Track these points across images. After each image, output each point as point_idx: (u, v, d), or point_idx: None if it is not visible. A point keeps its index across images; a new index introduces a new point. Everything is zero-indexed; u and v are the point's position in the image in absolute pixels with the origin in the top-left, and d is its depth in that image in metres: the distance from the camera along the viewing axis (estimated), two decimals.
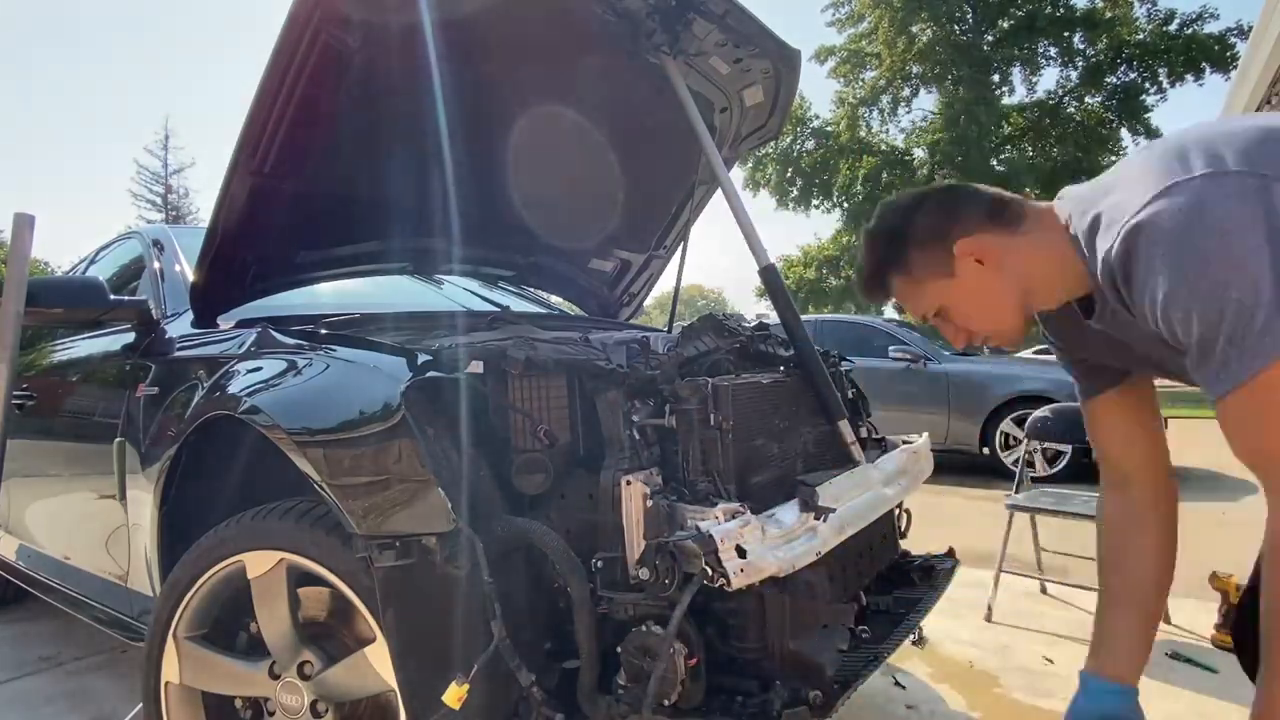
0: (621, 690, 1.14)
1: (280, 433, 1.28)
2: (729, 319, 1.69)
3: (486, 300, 2.64)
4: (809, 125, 20.17)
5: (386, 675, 1.24)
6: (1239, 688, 2.15)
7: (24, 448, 2.27)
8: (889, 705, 2.10)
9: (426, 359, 1.25)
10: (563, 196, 2.45)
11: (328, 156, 1.81)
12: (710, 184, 2.65)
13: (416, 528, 1.14)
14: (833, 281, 20.33)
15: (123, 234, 2.86)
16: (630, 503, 1.18)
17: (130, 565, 1.85)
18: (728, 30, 1.96)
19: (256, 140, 1.61)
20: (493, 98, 2.03)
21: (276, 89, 1.57)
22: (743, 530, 1.11)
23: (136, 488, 1.75)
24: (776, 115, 2.42)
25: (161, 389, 1.77)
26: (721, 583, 1.05)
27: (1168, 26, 17.47)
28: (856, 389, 2.01)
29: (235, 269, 1.81)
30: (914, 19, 18.55)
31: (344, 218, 2.04)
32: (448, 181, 2.05)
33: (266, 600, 1.37)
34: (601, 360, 1.33)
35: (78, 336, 2.44)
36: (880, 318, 9.15)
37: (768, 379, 1.54)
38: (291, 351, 1.49)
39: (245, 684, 1.42)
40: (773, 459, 1.47)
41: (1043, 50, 18.58)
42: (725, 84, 2.24)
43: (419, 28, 1.65)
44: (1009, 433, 5.84)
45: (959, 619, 2.71)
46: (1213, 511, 4.72)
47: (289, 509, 1.36)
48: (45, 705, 2.22)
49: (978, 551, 3.15)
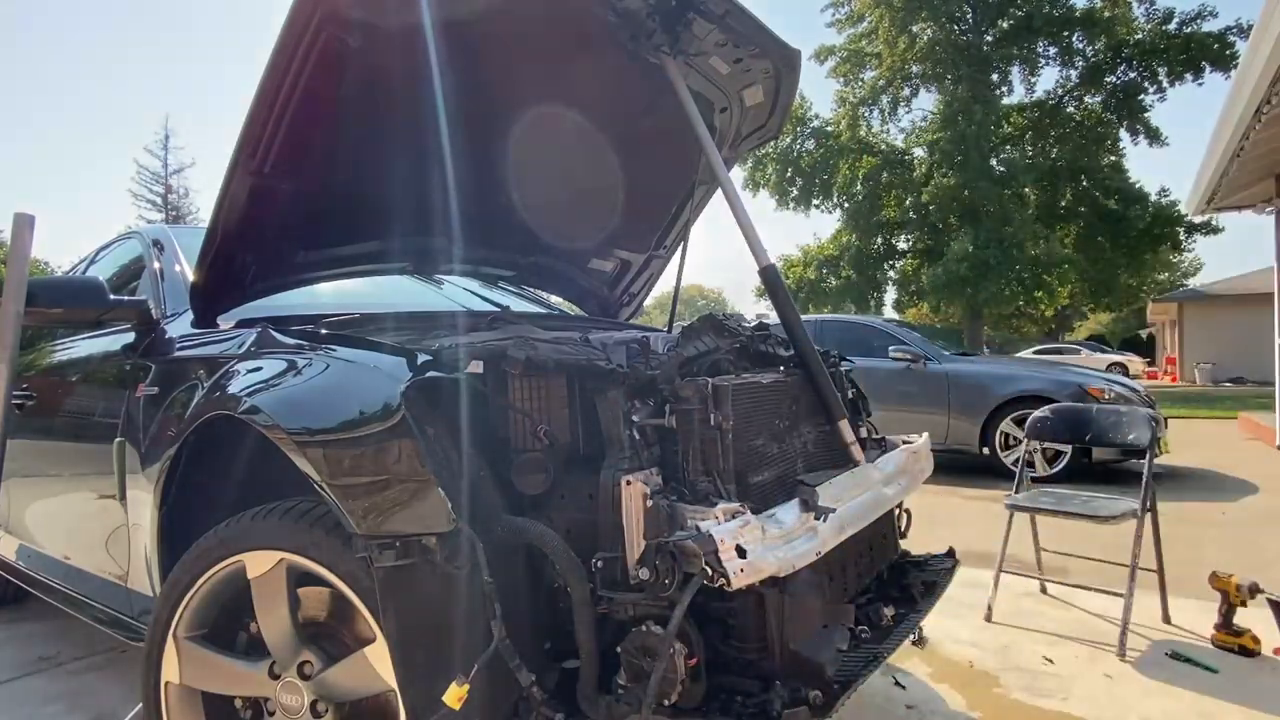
0: (622, 690, 1.14)
1: (280, 433, 1.28)
2: (729, 319, 1.69)
3: (486, 300, 2.64)
4: (809, 125, 20.18)
5: (386, 675, 1.24)
6: (1240, 688, 2.15)
7: (24, 448, 2.27)
8: (889, 705, 2.10)
9: (426, 359, 1.25)
10: (562, 196, 2.46)
11: (328, 156, 1.81)
12: (710, 184, 2.65)
13: (416, 528, 1.14)
14: (832, 281, 20.33)
15: (123, 234, 2.86)
16: (630, 503, 1.18)
17: (130, 565, 1.85)
18: (728, 30, 1.96)
19: (257, 140, 1.61)
20: (492, 98, 2.04)
21: (277, 88, 1.57)
22: (743, 530, 1.11)
23: (136, 488, 1.75)
24: (777, 115, 2.42)
25: (161, 389, 1.77)
26: (721, 583, 1.05)
27: (1167, 26, 17.47)
28: (856, 389, 2.01)
29: (235, 269, 1.81)
30: (914, 19, 18.56)
31: (344, 217, 2.04)
32: (448, 181, 2.05)
33: (266, 600, 1.37)
34: (601, 360, 1.33)
35: (78, 336, 2.44)
36: (880, 318, 9.15)
37: (768, 379, 1.54)
38: (291, 351, 1.49)
39: (245, 684, 1.42)
40: (772, 459, 1.47)
41: (1042, 50, 18.60)
42: (725, 84, 2.24)
43: (419, 27, 1.65)
44: (1009, 433, 5.84)
45: (959, 619, 2.71)
46: (1212, 511, 4.72)
47: (289, 509, 1.36)
48: (45, 705, 2.22)
49: (977, 551, 3.15)
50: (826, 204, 20.47)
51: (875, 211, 19.63)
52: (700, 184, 2.62)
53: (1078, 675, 2.27)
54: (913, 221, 19.74)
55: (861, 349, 6.50)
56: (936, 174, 17.91)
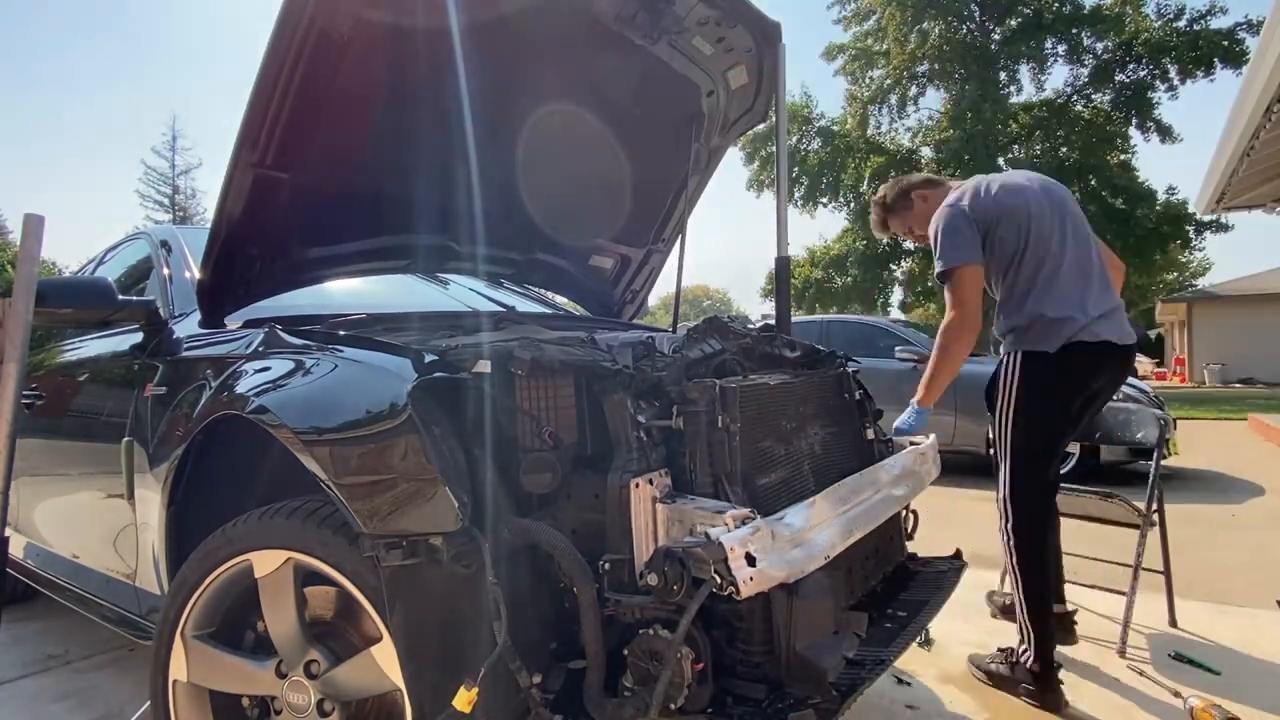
0: (628, 693, 1.14)
1: (287, 432, 1.28)
2: (734, 320, 1.69)
3: (491, 300, 2.64)
4: (814, 124, 20.14)
5: (393, 674, 1.24)
6: (1241, 688, 2.14)
7: (33, 447, 2.28)
8: (893, 706, 2.09)
9: (433, 359, 1.25)
10: (556, 192, 2.45)
11: (327, 151, 1.82)
12: (703, 174, 2.66)
13: (423, 527, 1.14)
14: (838, 281, 20.28)
15: (131, 235, 2.87)
16: (639, 505, 1.18)
17: (138, 564, 1.86)
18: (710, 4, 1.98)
19: (257, 133, 1.61)
20: (481, 94, 2.02)
21: (274, 81, 1.58)
22: (752, 537, 1.10)
23: (144, 487, 1.75)
24: (762, 97, 2.43)
25: (169, 389, 1.77)
26: (731, 591, 1.05)
27: (1177, 22, 17.34)
28: (864, 391, 2.01)
29: (240, 266, 1.82)
30: (923, 16, 18.50)
31: (344, 215, 2.04)
32: (445, 178, 2.06)
33: (274, 599, 1.37)
34: (608, 361, 1.33)
35: (86, 336, 2.46)
36: (886, 318, 9.11)
37: (775, 380, 1.53)
38: (298, 351, 1.49)
39: (252, 682, 1.42)
40: (780, 460, 1.47)
41: (1051, 48, 18.50)
42: (710, 65, 2.25)
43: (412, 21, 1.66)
44: None
45: (966, 620, 2.70)
46: (1221, 513, 4.69)
47: (296, 508, 1.36)
48: (53, 703, 2.23)
49: (985, 553, 3.14)
50: (834, 203, 20.42)
51: None
52: (693, 174, 2.63)
53: (1083, 677, 2.26)
54: None
55: (868, 349, 6.48)
56: (944, 173, 17.83)
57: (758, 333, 1.77)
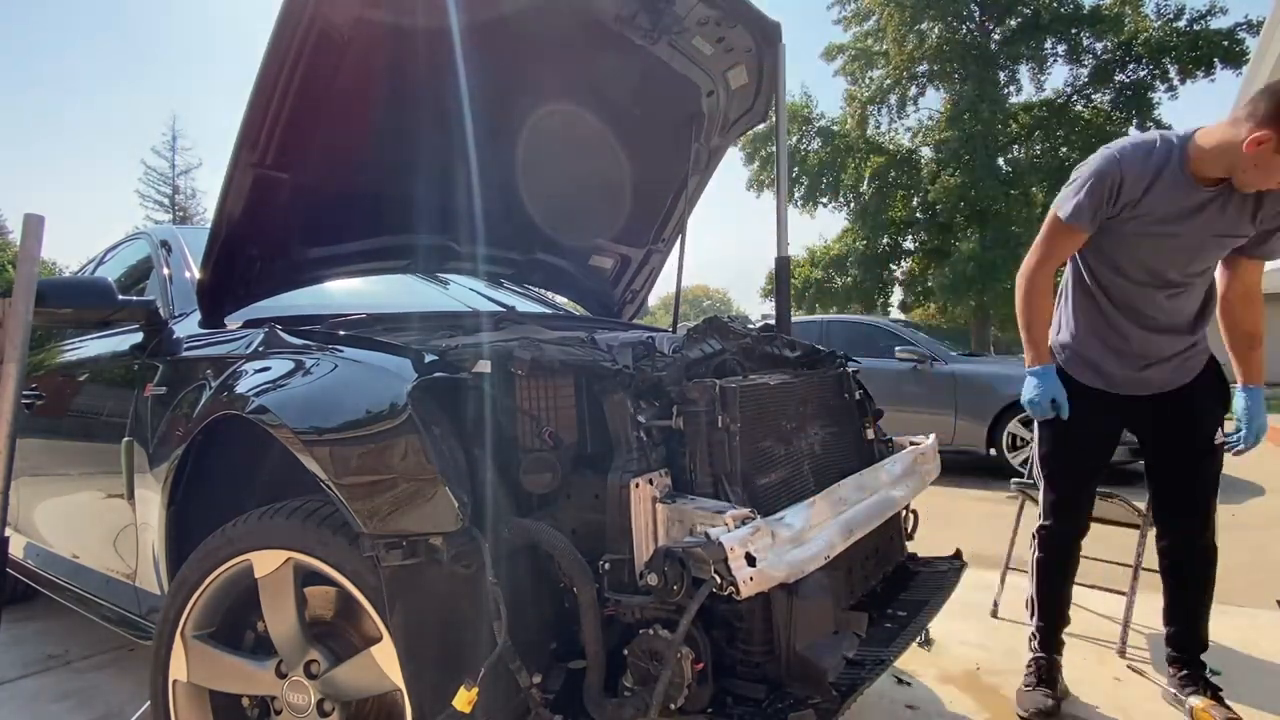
0: (628, 693, 1.14)
1: (287, 432, 1.28)
2: (734, 320, 1.69)
3: (492, 300, 2.64)
4: (814, 124, 20.14)
5: (393, 674, 1.24)
6: (1242, 689, 2.14)
7: (33, 447, 2.28)
8: (893, 707, 2.09)
9: (433, 359, 1.25)
10: (556, 192, 2.45)
11: (326, 151, 1.82)
12: (703, 174, 2.66)
13: (423, 527, 1.14)
14: (838, 281, 20.28)
15: (130, 235, 2.87)
16: (639, 505, 1.18)
17: (138, 564, 1.86)
18: (710, 4, 1.98)
19: (256, 135, 1.62)
20: (481, 94, 2.02)
21: (274, 80, 1.58)
22: (752, 537, 1.10)
23: (144, 487, 1.75)
24: (762, 97, 2.43)
25: (169, 389, 1.77)
26: (730, 591, 1.05)
27: (1177, 22, 17.33)
28: (864, 391, 2.01)
29: (240, 266, 1.82)
30: (922, 16, 18.49)
31: (344, 215, 2.04)
32: (445, 178, 2.06)
33: (274, 599, 1.38)
34: (608, 361, 1.33)
35: (86, 336, 2.46)
36: (886, 318, 9.12)
37: (775, 380, 1.53)
38: (298, 351, 1.49)
39: (252, 682, 1.42)
40: (780, 460, 1.47)
41: (1050, 48, 18.49)
42: (710, 65, 2.26)
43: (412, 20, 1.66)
44: (1016, 433, 5.81)
45: (966, 620, 2.70)
46: (1220, 514, 4.68)
47: (296, 508, 1.36)
48: (53, 703, 2.23)
49: (985, 553, 3.14)
50: (834, 203, 20.42)
51: (882, 211, 19.56)
52: (693, 174, 2.63)
53: (1084, 676, 2.26)
54: (919, 221, 19.66)
55: (868, 349, 6.49)
56: (943, 173, 17.85)
57: (758, 333, 1.78)
